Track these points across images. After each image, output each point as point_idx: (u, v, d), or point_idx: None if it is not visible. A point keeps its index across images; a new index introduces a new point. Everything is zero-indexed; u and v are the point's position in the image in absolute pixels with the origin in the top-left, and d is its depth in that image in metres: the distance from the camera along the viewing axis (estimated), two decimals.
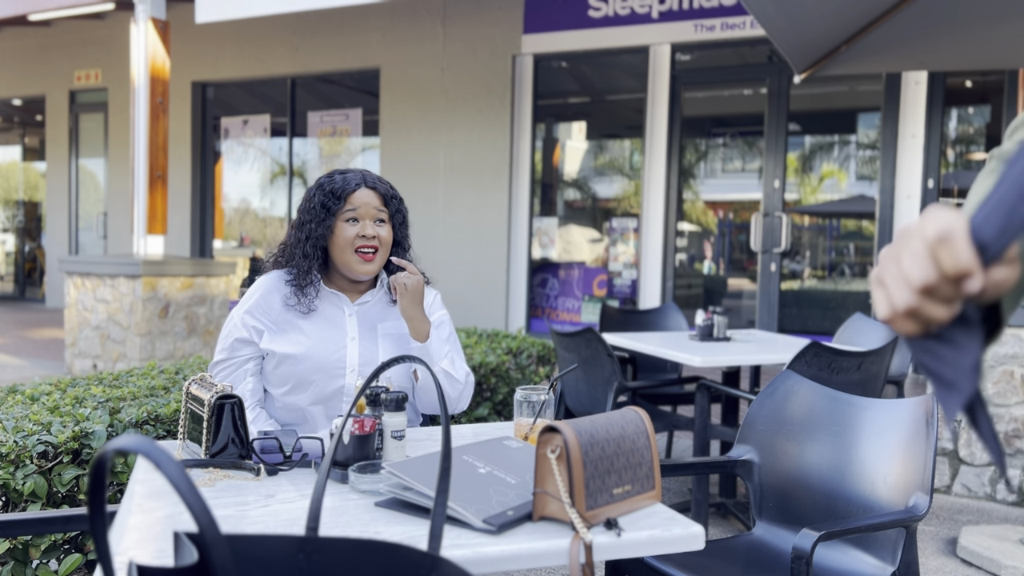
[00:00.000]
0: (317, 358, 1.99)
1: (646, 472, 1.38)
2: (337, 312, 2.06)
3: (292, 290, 2.03)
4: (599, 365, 3.42)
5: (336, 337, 2.02)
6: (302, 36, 9.00)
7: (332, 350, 2.01)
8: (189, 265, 6.61)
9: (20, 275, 12.06)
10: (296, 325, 2.03)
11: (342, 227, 2.02)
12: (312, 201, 2.04)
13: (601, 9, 7.48)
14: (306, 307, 2.03)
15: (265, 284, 2.08)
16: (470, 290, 8.03)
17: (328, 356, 2.00)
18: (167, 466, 0.64)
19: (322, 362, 1.99)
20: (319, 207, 2.03)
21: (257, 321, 2.04)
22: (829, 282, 7.04)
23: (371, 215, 2.03)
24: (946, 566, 3.12)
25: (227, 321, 2.08)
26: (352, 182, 2.04)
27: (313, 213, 2.03)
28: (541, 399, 1.67)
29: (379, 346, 2.04)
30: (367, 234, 2.01)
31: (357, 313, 2.08)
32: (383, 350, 2.04)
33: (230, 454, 1.58)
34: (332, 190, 2.03)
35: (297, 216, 2.09)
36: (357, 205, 2.02)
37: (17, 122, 12.11)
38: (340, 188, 2.03)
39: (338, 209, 2.02)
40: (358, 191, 2.03)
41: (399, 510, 1.34)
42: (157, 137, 6.65)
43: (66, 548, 2.09)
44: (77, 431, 2.18)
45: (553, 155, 8.20)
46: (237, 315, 2.06)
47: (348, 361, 2.02)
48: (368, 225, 2.02)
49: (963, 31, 3.53)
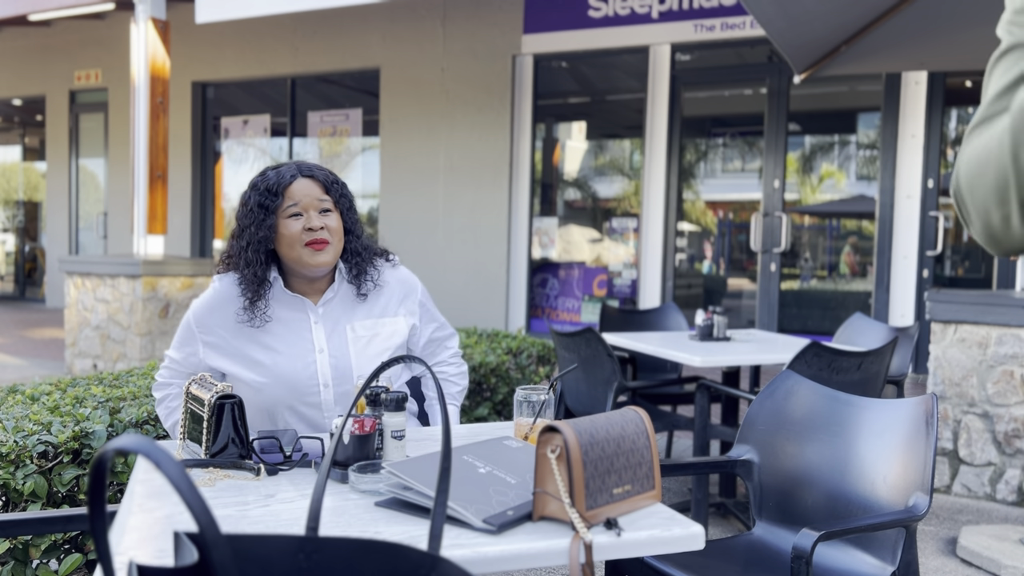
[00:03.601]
0: (284, 380, 1.86)
1: (646, 472, 1.38)
2: (300, 318, 1.91)
3: (245, 301, 1.88)
4: (599, 365, 3.43)
5: (302, 352, 1.89)
6: (302, 36, 9.00)
7: (300, 367, 1.87)
8: (189, 265, 6.61)
9: (20, 275, 12.07)
10: (252, 345, 1.88)
11: (285, 224, 1.86)
12: (248, 204, 1.88)
13: (601, 9, 7.48)
14: (260, 321, 1.88)
15: (217, 294, 1.92)
16: (470, 290, 8.03)
17: (296, 375, 1.87)
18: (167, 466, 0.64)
19: (291, 383, 1.87)
20: (256, 208, 1.86)
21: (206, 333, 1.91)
22: (829, 282, 7.04)
23: (314, 205, 1.88)
24: (946, 566, 3.12)
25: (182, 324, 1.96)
26: (287, 175, 1.88)
27: (252, 216, 1.87)
28: (541, 399, 1.67)
29: (351, 353, 1.91)
30: (313, 226, 1.86)
31: (322, 318, 1.93)
32: (356, 357, 1.91)
33: (230, 454, 1.58)
34: (267, 188, 1.87)
35: (236, 224, 1.92)
36: (297, 199, 1.87)
37: (17, 122, 12.11)
38: (275, 184, 1.87)
39: (277, 206, 1.86)
40: (295, 183, 1.88)
41: (399, 510, 1.34)
42: (157, 137, 6.65)
43: (66, 548, 2.09)
44: (77, 431, 2.18)
45: (553, 155, 8.20)
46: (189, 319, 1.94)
47: (320, 376, 1.89)
48: (313, 216, 1.86)
49: (963, 31, 3.54)
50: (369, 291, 1.97)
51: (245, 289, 1.88)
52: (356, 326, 1.94)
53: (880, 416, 1.98)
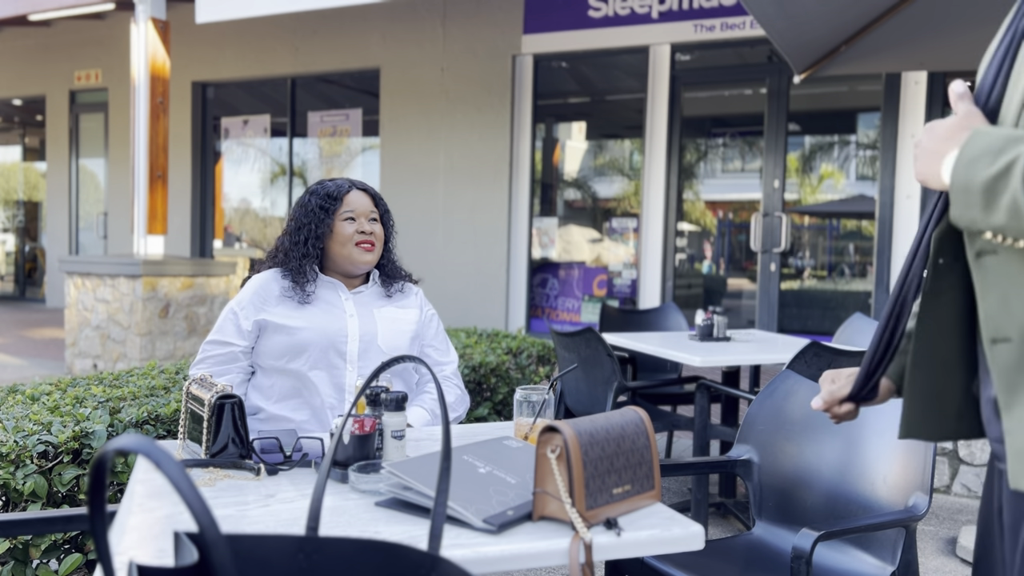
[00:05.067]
0: (318, 327, 2.10)
1: (646, 472, 1.38)
2: (334, 296, 2.18)
3: (289, 284, 2.14)
4: (599, 365, 3.43)
5: (336, 314, 2.14)
6: (302, 36, 9.00)
7: (332, 321, 2.13)
8: (189, 265, 6.61)
9: (20, 275, 12.06)
10: (294, 309, 2.12)
11: (341, 225, 2.16)
12: (309, 205, 2.18)
13: (601, 9, 7.48)
14: (303, 298, 2.13)
15: (260, 279, 2.17)
16: (470, 290, 8.03)
17: (329, 325, 2.11)
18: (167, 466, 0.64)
19: (324, 330, 2.10)
20: (317, 209, 2.16)
21: (253, 309, 2.11)
22: (829, 282, 7.04)
23: (366, 214, 2.19)
24: (946, 566, 3.12)
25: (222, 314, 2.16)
26: (345, 185, 2.20)
27: (312, 215, 2.16)
28: (541, 399, 1.67)
29: (377, 324, 2.16)
30: (365, 229, 2.17)
31: (354, 298, 2.20)
32: (381, 328, 2.16)
33: (230, 454, 1.58)
34: (327, 193, 2.18)
35: (293, 221, 2.20)
36: (353, 206, 2.18)
37: (17, 122, 12.11)
38: (335, 191, 2.19)
39: (335, 209, 2.17)
40: (352, 193, 2.20)
41: (399, 510, 1.34)
42: (157, 137, 6.65)
43: (66, 548, 2.09)
44: (77, 431, 2.18)
45: (553, 155, 8.20)
46: (231, 305, 2.15)
47: (349, 332, 2.12)
48: (364, 222, 2.18)
49: (963, 31, 3.53)
50: (395, 292, 2.27)
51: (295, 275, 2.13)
52: (383, 311, 2.22)
53: (880, 416, 1.98)
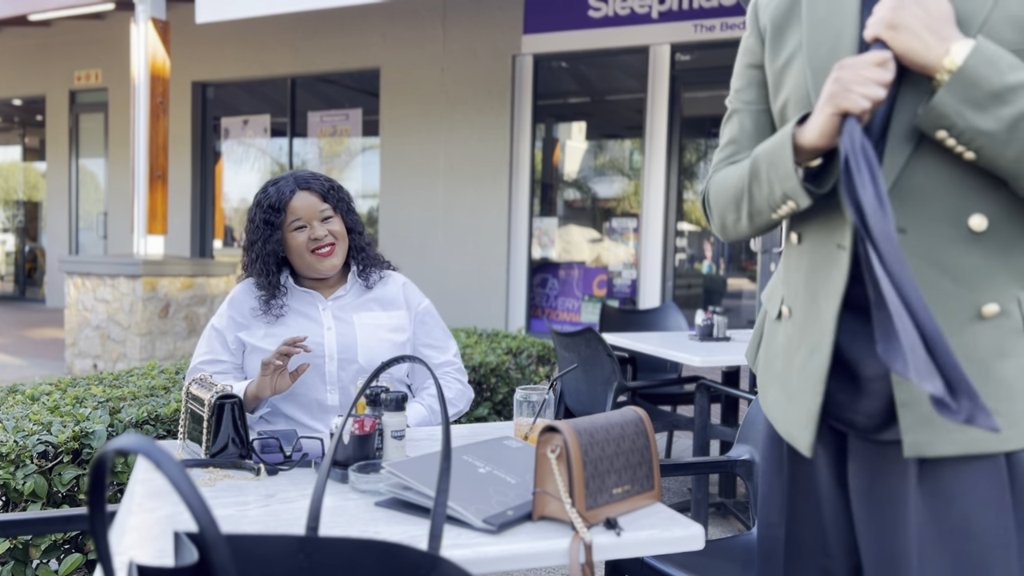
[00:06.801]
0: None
1: (646, 472, 1.38)
2: (311, 308, 2.07)
3: (261, 301, 2.05)
4: (599, 365, 3.43)
5: (312, 328, 2.03)
6: (302, 36, 9.00)
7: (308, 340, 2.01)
8: (189, 265, 6.61)
9: (20, 275, 12.07)
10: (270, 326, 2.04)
11: (292, 236, 2.02)
12: (255, 221, 2.04)
13: (601, 9, 7.48)
14: (276, 314, 2.03)
15: (234, 294, 2.10)
16: (470, 290, 8.03)
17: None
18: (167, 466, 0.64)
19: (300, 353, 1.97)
20: (263, 225, 2.03)
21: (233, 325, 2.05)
22: None
23: (315, 216, 2.03)
24: None
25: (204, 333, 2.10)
26: (286, 191, 2.02)
27: (258, 232, 2.03)
28: (541, 399, 1.67)
29: (356, 333, 2.04)
30: (317, 236, 2.01)
31: (331, 306, 2.08)
32: (361, 339, 2.03)
33: (230, 454, 1.58)
34: (269, 205, 2.02)
35: (244, 237, 2.09)
36: (299, 213, 2.02)
37: (17, 122, 12.11)
38: (276, 201, 2.02)
39: (281, 221, 2.02)
40: (294, 198, 2.02)
41: (399, 510, 1.34)
42: (157, 137, 6.65)
43: (66, 548, 2.09)
44: (77, 431, 2.18)
45: (553, 155, 8.20)
46: (212, 322, 2.09)
47: (327, 349, 2.01)
48: (316, 227, 2.02)
49: None
50: (375, 283, 2.12)
51: (261, 293, 2.05)
52: (363, 315, 2.08)
53: None
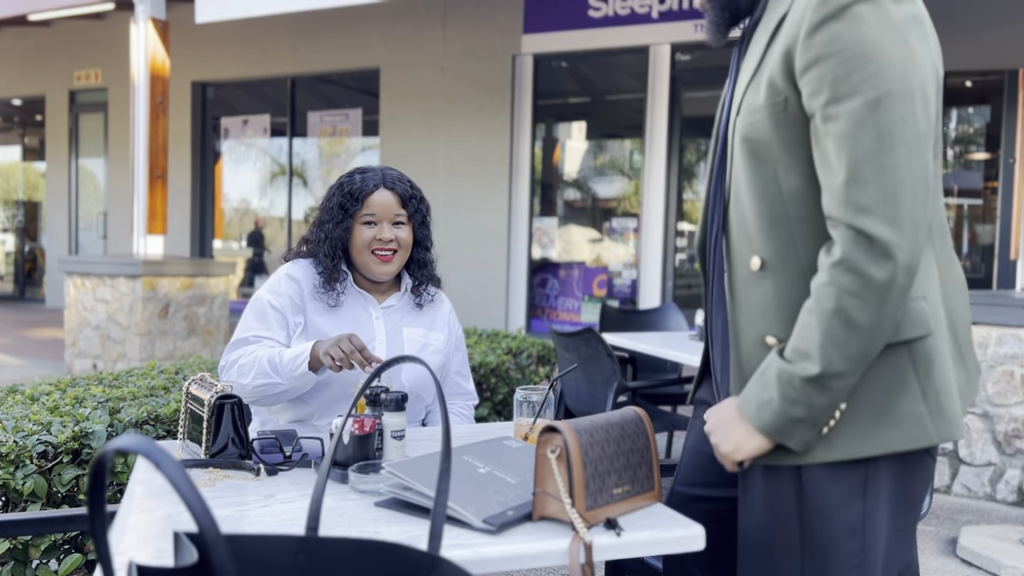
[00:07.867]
0: None
1: (646, 472, 1.38)
2: (364, 314, 2.03)
3: (321, 280, 2.00)
4: (599, 365, 3.42)
5: (364, 332, 1.99)
6: (302, 36, 9.00)
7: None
8: (189, 265, 6.61)
9: (20, 275, 12.06)
10: (323, 316, 1.98)
11: (359, 229, 2.00)
12: (331, 201, 2.03)
13: (601, 9, 7.48)
14: (334, 300, 2.00)
15: (292, 268, 2.03)
16: (470, 290, 8.03)
17: None
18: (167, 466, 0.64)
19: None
20: (337, 208, 2.01)
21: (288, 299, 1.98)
22: None
23: (388, 217, 2.01)
24: (946, 566, 3.12)
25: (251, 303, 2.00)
26: (370, 183, 2.01)
27: (331, 213, 2.02)
28: (541, 399, 1.67)
29: (405, 350, 2.02)
30: (384, 237, 1.99)
31: (384, 316, 2.05)
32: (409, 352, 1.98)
33: (230, 454, 1.58)
34: (351, 191, 2.01)
35: (318, 214, 2.07)
36: (375, 209, 2.00)
37: (17, 122, 12.11)
38: (358, 190, 2.00)
39: (355, 211, 2.00)
40: (375, 193, 2.01)
41: (399, 510, 1.34)
42: (157, 137, 6.65)
43: (66, 548, 2.09)
44: (77, 431, 2.18)
45: (553, 155, 8.20)
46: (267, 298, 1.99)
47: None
48: (385, 228, 2.00)
49: (963, 31, 3.53)
50: (426, 301, 2.11)
51: (323, 272, 2.01)
52: (412, 331, 2.07)
53: None
